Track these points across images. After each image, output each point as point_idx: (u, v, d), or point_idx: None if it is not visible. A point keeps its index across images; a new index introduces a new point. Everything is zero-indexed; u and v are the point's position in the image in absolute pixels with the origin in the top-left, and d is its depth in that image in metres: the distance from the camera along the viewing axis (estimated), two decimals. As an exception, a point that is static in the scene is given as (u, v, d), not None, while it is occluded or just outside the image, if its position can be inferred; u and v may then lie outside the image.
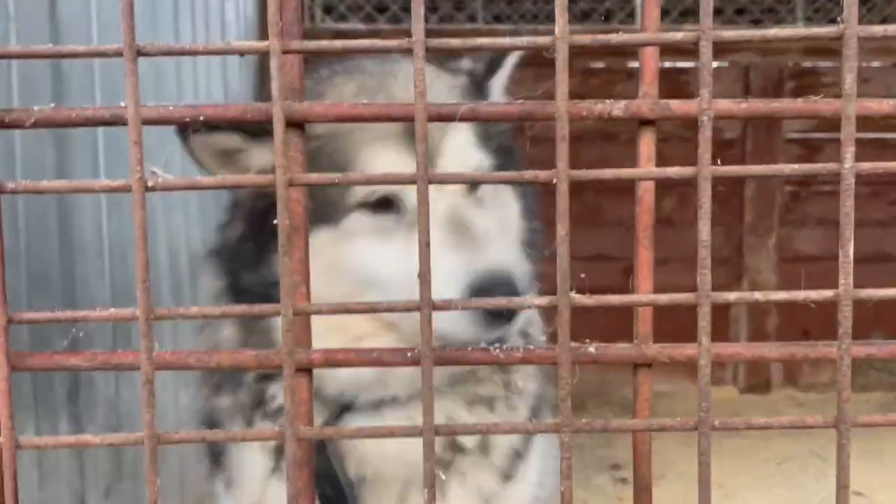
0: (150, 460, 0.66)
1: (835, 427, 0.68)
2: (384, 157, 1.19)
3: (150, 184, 0.65)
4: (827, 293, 0.67)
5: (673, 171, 0.67)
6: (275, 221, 0.65)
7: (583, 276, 0.72)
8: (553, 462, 1.48)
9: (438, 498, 1.28)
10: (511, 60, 1.39)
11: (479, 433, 0.74)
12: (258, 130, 1.19)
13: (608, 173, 0.67)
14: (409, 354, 0.71)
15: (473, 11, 4.55)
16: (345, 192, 1.23)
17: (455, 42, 0.65)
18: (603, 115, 0.69)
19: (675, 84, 4.13)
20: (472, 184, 1.27)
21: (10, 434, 0.66)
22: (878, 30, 0.65)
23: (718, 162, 0.68)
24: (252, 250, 1.22)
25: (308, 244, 0.71)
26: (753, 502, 3.04)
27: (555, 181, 0.65)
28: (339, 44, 0.64)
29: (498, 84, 1.40)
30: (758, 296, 0.67)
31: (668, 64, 4.20)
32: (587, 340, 0.72)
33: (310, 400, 0.71)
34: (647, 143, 0.71)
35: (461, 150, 1.26)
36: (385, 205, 1.22)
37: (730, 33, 0.67)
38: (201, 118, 0.68)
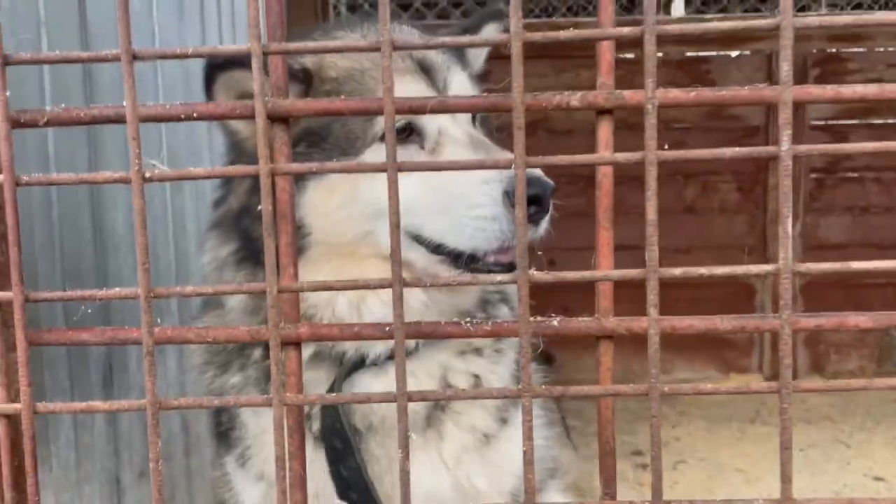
0: (152, 423, 0.73)
1: (777, 392, 0.73)
2: (403, 90, 1.26)
3: (147, 175, 0.72)
4: (767, 267, 0.72)
5: (622, 157, 0.73)
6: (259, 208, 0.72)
7: (540, 253, 0.78)
8: (541, 416, 1.55)
9: (436, 438, 1.36)
10: (489, 29, 1.52)
11: (449, 399, 0.80)
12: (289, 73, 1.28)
13: (563, 159, 0.73)
14: (386, 329, 0.77)
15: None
16: (366, 125, 1.28)
17: (418, 41, 0.71)
18: (561, 105, 0.74)
19: (697, 73, 4.13)
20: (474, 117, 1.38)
21: (29, 400, 0.74)
22: (813, 21, 0.69)
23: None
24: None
25: (295, 227, 0.78)
26: (775, 488, 3.05)
27: (513, 166, 0.71)
28: (311, 45, 0.71)
29: (474, 52, 1.55)
30: (702, 270, 0.72)
31: (690, 53, 4.20)
32: (552, 314, 0.78)
33: (299, 370, 0.78)
34: (604, 131, 0.77)
35: (463, 85, 1.39)
36: (406, 133, 1.29)
37: (673, 27, 0.72)
38: (194, 115, 0.75)
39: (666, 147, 0.72)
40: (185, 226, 2.62)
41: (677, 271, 0.72)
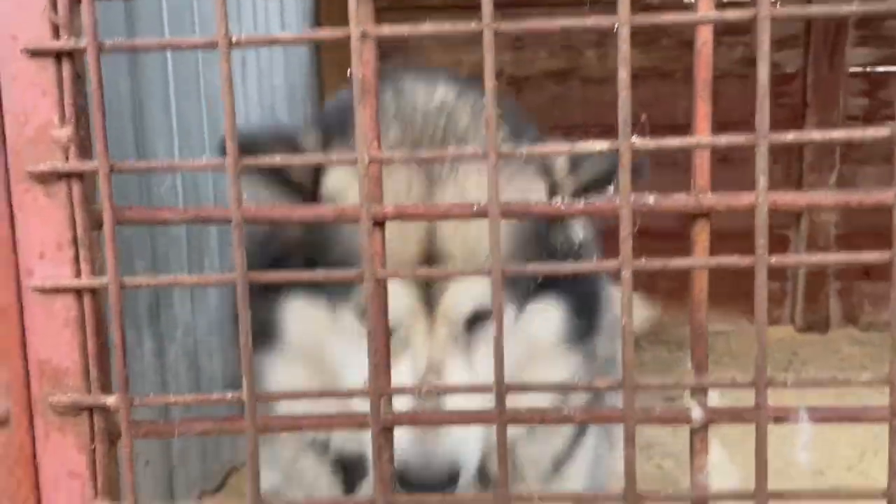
0: (241, 297, 0.72)
1: (889, 262, 0.70)
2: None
3: (234, 40, 0.70)
4: (883, 130, 0.69)
5: (732, 15, 0.69)
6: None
7: (644, 115, 0.75)
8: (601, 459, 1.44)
9: None
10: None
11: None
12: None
13: (667, 19, 0.69)
14: (474, 208, 0.75)
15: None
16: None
17: None
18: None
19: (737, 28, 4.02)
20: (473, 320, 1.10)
21: (116, 276, 0.73)
22: None
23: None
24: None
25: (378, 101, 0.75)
26: (811, 434, 3.03)
27: (616, 27, 0.68)
28: None
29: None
30: (815, 135, 0.69)
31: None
32: (648, 192, 0.75)
33: (383, 250, 0.76)
34: (706, -2, 0.73)
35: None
36: None
37: None
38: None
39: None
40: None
41: (789, 136, 0.69)
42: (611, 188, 1.09)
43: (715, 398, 0.85)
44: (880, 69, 4.07)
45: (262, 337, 1.12)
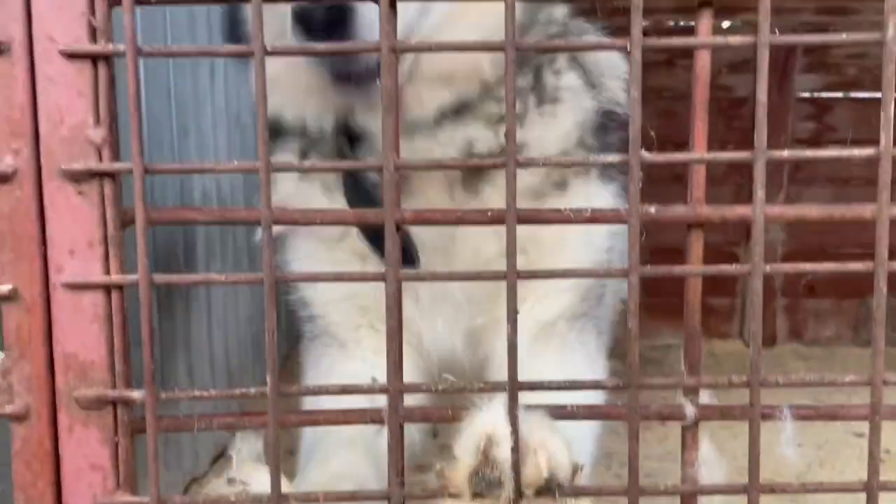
0: (268, 297, 0.75)
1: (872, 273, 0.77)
2: None
3: (269, 48, 0.73)
4: (868, 151, 0.76)
5: (734, 40, 0.75)
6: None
7: (651, 133, 0.80)
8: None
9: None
10: None
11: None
12: None
13: (677, 41, 0.75)
14: (489, 213, 0.79)
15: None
16: None
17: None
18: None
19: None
20: None
21: (147, 273, 0.75)
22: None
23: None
24: None
25: None
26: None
27: (629, 48, 0.73)
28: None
29: None
30: (808, 153, 0.76)
31: (683, 22, 4.25)
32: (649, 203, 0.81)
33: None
34: (705, 25, 0.79)
35: None
36: None
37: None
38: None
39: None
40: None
41: (784, 154, 0.76)
42: None
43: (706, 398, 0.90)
44: (827, 95, 4.27)
45: None
